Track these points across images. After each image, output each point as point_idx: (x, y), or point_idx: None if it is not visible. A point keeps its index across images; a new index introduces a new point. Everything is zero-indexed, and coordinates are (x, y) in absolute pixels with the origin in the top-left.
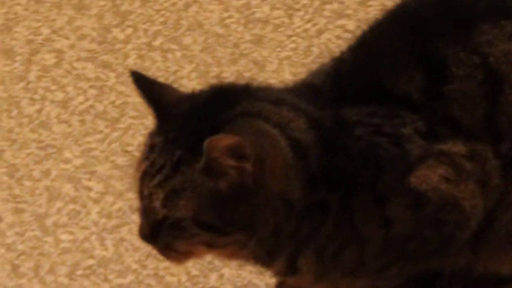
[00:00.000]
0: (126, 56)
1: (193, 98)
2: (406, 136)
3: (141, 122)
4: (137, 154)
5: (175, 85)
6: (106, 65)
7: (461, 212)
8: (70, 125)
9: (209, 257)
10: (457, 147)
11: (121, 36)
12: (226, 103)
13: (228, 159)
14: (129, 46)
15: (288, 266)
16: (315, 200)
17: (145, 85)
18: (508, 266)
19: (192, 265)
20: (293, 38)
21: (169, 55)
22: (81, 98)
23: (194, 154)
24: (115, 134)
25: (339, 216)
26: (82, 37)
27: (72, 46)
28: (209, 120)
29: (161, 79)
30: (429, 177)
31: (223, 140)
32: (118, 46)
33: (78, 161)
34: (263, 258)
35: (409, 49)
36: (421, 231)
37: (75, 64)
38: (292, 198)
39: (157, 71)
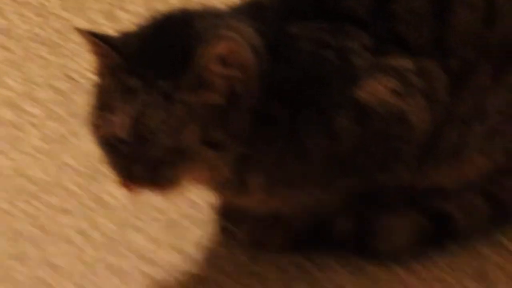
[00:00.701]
0: None
1: (144, 33)
2: (352, 49)
3: (84, 47)
4: (80, 80)
5: (118, 10)
6: None
7: (408, 126)
8: (12, 53)
9: None
10: (405, 62)
11: None
12: (182, 27)
13: (219, 68)
14: None
15: (240, 184)
16: (267, 112)
17: (103, 37)
18: (450, 179)
19: None
20: None
21: None
22: (24, 26)
23: (178, 79)
24: (58, 60)
25: (286, 132)
26: None
27: None
28: (177, 43)
29: (105, 5)
30: (377, 89)
31: (215, 48)
32: None
33: (19, 88)
34: (232, 178)
35: None
36: (368, 146)
37: None
38: (255, 107)
39: None
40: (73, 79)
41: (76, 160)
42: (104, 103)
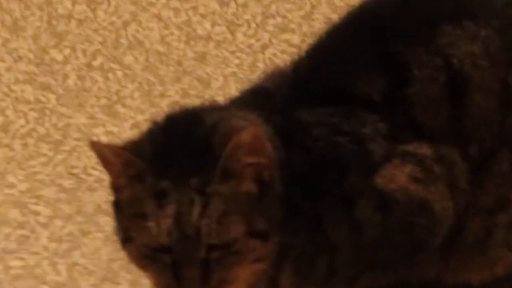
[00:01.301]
0: (66, 77)
1: (155, 137)
2: (367, 135)
3: (85, 143)
4: (83, 176)
5: (118, 106)
6: (45, 87)
7: (432, 215)
8: (12, 149)
9: None
10: (423, 149)
11: (59, 57)
12: (192, 124)
13: (246, 156)
14: (68, 67)
15: (270, 285)
16: (290, 201)
17: (122, 147)
18: (477, 276)
19: None
20: (238, 54)
21: (110, 75)
22: (22, 122)
23: (208, 173)
24: (59, 156)
25: (311, 222)
26: (19, 59)
27: (8, 69)
28: (194, 140)
29: (103, 100)
30: (396, 176)
31: (240, 138)
32: (56, 67)
33: (23, 186)
34: (267, 274)
35: (369, 51)
36: (391, 237)
37: (13, 87)
38: (281, 195)
39: (99, 91)
40: (76, 175)
41: (87, 259)
42: (136, 213)
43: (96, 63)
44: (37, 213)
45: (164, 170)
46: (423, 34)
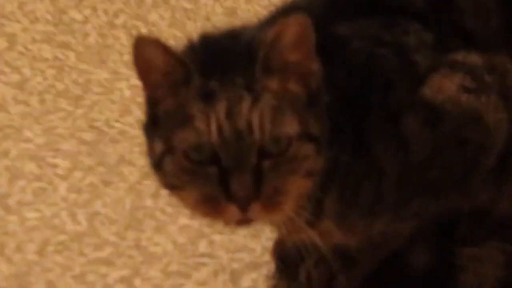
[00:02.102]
0: (86, 35)
1: (194, 46)
2: (411, 45)
3: (107, 97)
4: (105, 129)
5: None
6: (64, 45)
7: (485, 128)
8: (28, 105)
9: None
10: (473, 58)
11: (79, 17)
12: (231, 35)
13: (290, 51)
14: (89, 26)
15: (315, 208)
16: (333, 121)
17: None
18: None
19: (179, 233)
20: (270, 9)
21: (134, 32)
22: (39, 79)
23: (253, 70)
24: (80, 111)
25: (355, 141)
26: (36, 20)
27: (24, 30)
28: (235, 47)
29: (126, 56)
30: (445, 86)
31: (289, 24)
32: (76, 26)
33: (40, 140)
34: (313, 195)
35: None
36: (442, 154)
37: (30, 46)
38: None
39: (122, 48)
40: (97, 128)
41: (110, 209)
42: (181, 118)
43: (118, 21)
44: (55, 166)
45: (211, 71)
46: None
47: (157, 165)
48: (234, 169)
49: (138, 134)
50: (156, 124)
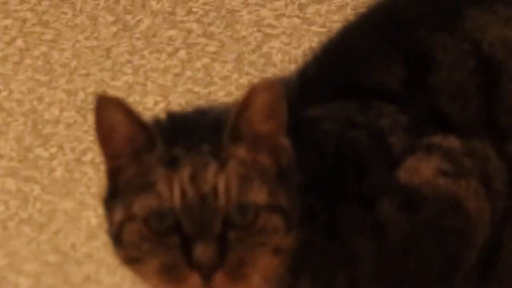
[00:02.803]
0: (52, 170)
1: (161, 120)
2: (386, 127)
3: (73, 225)
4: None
5: None
6: (29, 179)
7: (465, 216)
8: None
9: None
10: (450, 141)
11: (45, 155)
12: (199, 112)
13: (261, 119)
14: (55, 162)
15: None
16: (304, 205)
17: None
18: None
19: None
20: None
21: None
22: (1, 208)
23: (221, 137)
24: (44, 236)
25: (327, 227)
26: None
27: None
28: (204, 121)
29: (94, 188)
30: (421, 168)
31: (259, 89)
32: (42, 162)
33: (2, 262)
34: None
35: (386, 42)
36: (420, 243)
37: None
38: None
39: (89, 180)
40: (62, 252)
41: None
42: (142, 184)
43: (86, 158)
44: (16, 286)
45: (176, 139)
46: (447, 19)
47: (116, 236)
48: (197, 237)
49: (105, 257)
50: (116, 195)
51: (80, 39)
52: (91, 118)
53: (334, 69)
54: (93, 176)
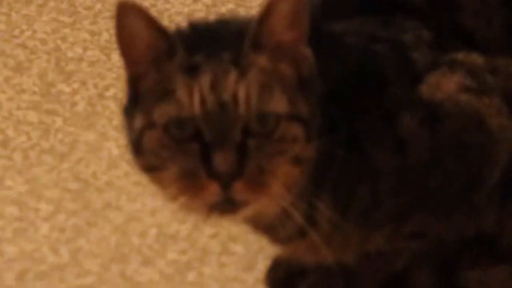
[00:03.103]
0: (74, 104)
1: (182, 29)
2: (409, 42)
3: (94, 154)
4: (91, 181)
5: None
6: (51, 112)
7: (488, 132)
8: (11, 160)
9: (187, 256)
10: (473, 58)
11: (68, 89)
12: (221, 22)
13: (282, 28)
14: (77, 97)
15: (308, 212)
16: (326, 117)
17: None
18: None
19: (167, 266)
20: None
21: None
22: (23, 138)
23: (241, 45)
24: (65, 165)
25: (349, 141)
26: (22, 91)
27: (10, 99)
28: (225, 29)
29: (116, 121)
30: (444, 84)
31: (273, 3)
32: (64, 97)
33: (22, 188)
34: (303, 195)
35: None
36: (442, 159)
37: (15, 112)
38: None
39: (111, 114)
40: (83, 180)
41: (93, 245)
42: (163, 92)
43: (108, 93)
44: (38, 210)
45: (197, 47)
46: None
47: (136, 143)
48: (217, 145)
49: (126, 185)
50: (137, 103)
51: None
52: (115, 57)
53: None
54: (115, 110)
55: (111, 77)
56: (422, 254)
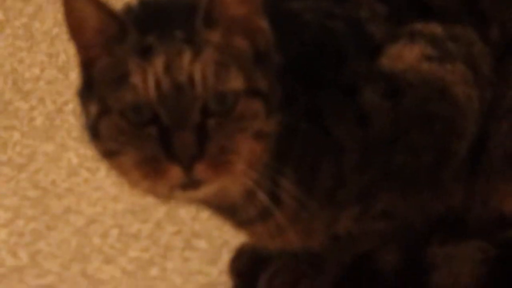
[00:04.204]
0: (32, 119)
1: (132, 7)
2: (365, 17)
3: (54, 164)
4: (50, 188)
5: None
6: (8, 128)
7: (453, 102)
8: None
9: (149, 253)
10: (432, 28)
11: (25, 106)
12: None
13: (238, 3)
14: (35, 112)
15: (272, 190)
16: (286, 92)
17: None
18: (510, 203)
19: (129, 263)
20: None
21: None
22: None
23: (193, 22)
24: (23, 175)
25: (310, 116)
26: None
27: None
28: (176, 3)
29: (75, 132)
30: (405, 55)
31: None
32: (22, 113)
33: None
34: (266, 175)
35: None
36: (406, 132)
37: None
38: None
39: (70, 126)
40: (42, 188)
41: (53, 247)
42: (116, 76)
43: (67, 108)
44: None
45: (148, 26)
46: None
47: (93, 129)
48: (175, 128)
49: (86, 190)
50: (91, 87)
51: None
52: (73, 75)
53: None
54: (74, 123)
55: (70, 93)
56: (390, 234)
